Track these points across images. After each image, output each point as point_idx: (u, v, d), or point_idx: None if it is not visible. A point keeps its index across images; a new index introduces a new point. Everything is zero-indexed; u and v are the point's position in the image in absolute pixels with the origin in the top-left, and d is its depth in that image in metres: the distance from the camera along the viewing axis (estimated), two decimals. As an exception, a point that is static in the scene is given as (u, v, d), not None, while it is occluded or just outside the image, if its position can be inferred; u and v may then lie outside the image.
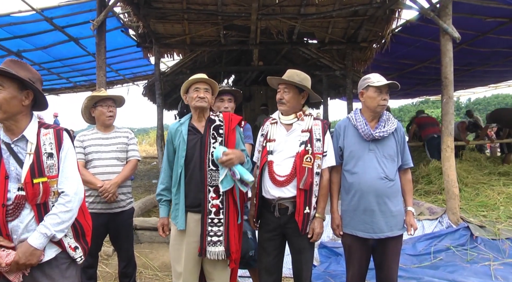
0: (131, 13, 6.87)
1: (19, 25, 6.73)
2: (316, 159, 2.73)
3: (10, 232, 1.98)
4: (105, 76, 5.08)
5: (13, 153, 2.03)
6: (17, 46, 7.81)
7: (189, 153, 2.72)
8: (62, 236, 2.06)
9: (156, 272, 4.26)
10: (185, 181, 2.70)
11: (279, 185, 2.72)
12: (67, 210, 2.05)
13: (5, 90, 1.96)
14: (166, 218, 2.86)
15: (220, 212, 2.65)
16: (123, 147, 3.43)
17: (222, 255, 2.62)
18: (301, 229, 2.69)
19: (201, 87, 2.77)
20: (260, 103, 12.25)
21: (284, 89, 2.83)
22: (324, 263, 4.27)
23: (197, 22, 7.48)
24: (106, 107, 3.39)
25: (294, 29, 7.90)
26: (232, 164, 2.62)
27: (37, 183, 1.99)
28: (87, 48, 8.16)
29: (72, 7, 6.26)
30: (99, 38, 5.12)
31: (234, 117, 2.89)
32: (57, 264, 2.07)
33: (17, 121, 2.04)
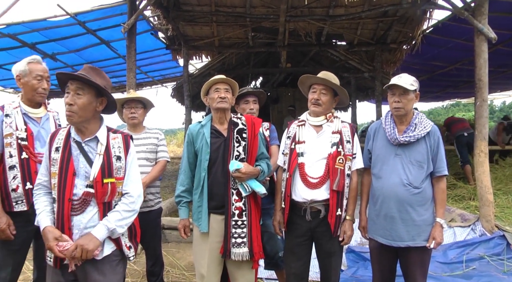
0: (161, 16, 6.98)
1: (54, 29, 6.95)
2: (347, 160, 2.70)
3: (72, 226, 2.09)
4: (134, 78, 5.17)
5: (83, 151, 2.15)
6: (52, 49, 8.07)
7: (212, 157, 2.73)
8: (121, 232, 2.17)
9: (183, 272, 4.30)
10: (208, 183, 2.72)
11: (312, 187, 2.68)
12: (130, 210, 2.18)
13: (84, 96, 2.10)
14: (187, 220, 2.89)
15: (243, 214, 2.68)
16: (153, 148, 3.47)
17: (246, 256, 2.64)
18: (333, 232, 2.65)
19: (221, 87, 2.77)
20: (288, 105, 12.18)
21: (321, 90, 2.78)
22: (352, 268, 4.19)
23: (225, 24, 7.54)
24: (129, 109, 3.45)
25: (323, 31, 7.86)
26: (242, 180, 2.67)
27: (106, 183, 2.12)
28: (118, 51, 8.35)
29: (104, 11, 6.41)
30: (130, 40, 5.21)
31: (256, 121, 2.89)
32: (109, 261, 2.18)
33: (89, 124, 2.18)
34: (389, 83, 2.68)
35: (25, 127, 2.74)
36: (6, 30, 6.76)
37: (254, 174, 2.71)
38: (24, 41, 7.32)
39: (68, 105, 2.10)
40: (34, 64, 2.83)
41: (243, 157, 2.73)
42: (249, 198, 2.72)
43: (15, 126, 2.72)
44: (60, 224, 2.11)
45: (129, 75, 5.15)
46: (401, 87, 2.62)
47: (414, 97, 2.69)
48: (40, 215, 2.15)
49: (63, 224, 2.10)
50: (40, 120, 2.86)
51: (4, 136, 2.70)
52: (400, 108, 2.67)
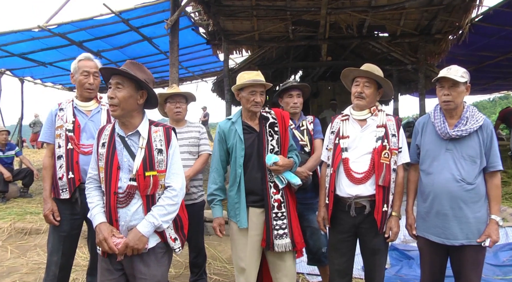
0: (202, 12, 7.06)
1: (99, 27, 7.21)
2: (393, 155, 2.63)
3: (118, 218, 2.18)
4: (177, 73, 5.28)
5: (126, 145, 2.22)
6: (97, 47, 8.38)
7: (247, 152, 2.75)
8: (167, 226, 2.22)
9: (225, 264, 4.37)
10: (245, 179, 2.74)
11: (357, 182, 2.63)
12: (173, 203, 2.22)
13: (124, 89, 2.16)
14: (222, 218, 2.89)
15: (282, 205, 2.71)
16: (195, 141, 3.53)
17: (289, 246, 2.67)
18: (380, 228, 2.60)
19: (258, 90, 2.76)
20: (327, 99, 12.05)
21: (365, 83, 2.72)
22: (395, 266, 4.10)
23: (265, 18, 7.52)
24: (174, 103, 3.50)
25: (364, 23, 7.67)
26: (279, 173, 2.70)
27: (148, 176, 2.17)
28: (159, 47, 8.54)
29: (146, 8, 6.56)
30: (172, 36, 5.31)
31: (286, 114, 2.90)
32: (154, 253, 2.23)
33: (132, 117, 2.24)
34: (438, 76, 2.58)
35: (73, 119, 2.89)
36: (57, 30, 7.08)
37: (290, 166, 2.74)
38: (73, 40, 7.65)
39: (110, 98, 2.18)
40: (83, 61, 2.97)
41: (277, 150, 2.76)
42: (285, 190, 2.75)
43: (65, 118, 2.89)
44: (108, 216, 2.21)
45: (172, 70, 5.26)
46: (450, 79, 2.52)
47: (464, 90, 2.57)
48: (94, 210, 2.25)
49: (110, 216, 2.19)
50: (90, 113, 2.98)
51: (56, 128, 2.89)
52: (450, 102, 2.56)
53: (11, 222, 5.81)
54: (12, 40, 7.48)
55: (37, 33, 7.22)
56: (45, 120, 3.03)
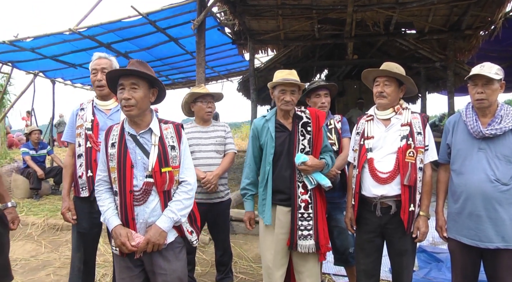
0: (227, 12, 7.10)
1: (127, 29, 7.35)
2: (418, 153, 2.57)
3: (135, 216, 2.20)
4: (204, 73, 5.33)
5: (139, 144, 2.24)
6: (125, 48, 8.54)
7: (277, 150, 2.76)
8: (185, 220, 2.26)
9: (250, 263, 4.38)
10: (273, 177, 2.75)
11: (382, 182, 2.59)
12: (189, 197, 2.26)
13: (140, 89, 2.19)
14: (252, 212, 2.95)
15: (309, 207, 2.69)
16: (221, 140, 3.55)
17: (312, 248, 2.66)
18: (407, 228, 2.55)
19: (288, 89, 2.75)
20: (353, 98, 11.90)
21: (384, 82, 2.69)
22: (424, 269, 3.99)
23: (291, 17, 7.48)
24: (206, 103, 3.53)
25: (391, 20, 7.51)
26: (307, 173, 2.67)
27: (165, 172, 2.21)
28: (185, 47, 8.63)
29: (173, 9, 6.64)
30: (199, 36, 5.37)
31: (321, 114, 2.87)
32: (172, 247, 2.27)
33: (144, 116, 2.26)
34: (471, 73, 2.50)
35: (92, 118, 2.94)
36: (87, 32, 7.28)
37: (319, 167, 2.71)
38: (101, 42, 7.83)
39: (126, 99, 2.17)
40: (94, 61, 3.02)
41: (308, 150, 2.74)
42: (314, 191, 2.73)
43: (85, 117, 2.95)
44: (123, 216, 2.22)
45: (199, 70, 5.32)
46: (484, 76, 2.43)
47: (499, 87, 2.48)
48: (107, 213, 2.25)
49: (126, 215, 2.20)
50: (109, 112, 3.02)
51: (76, 127, 2.96)
52: (484, 100, 2.47)
53: (44, 218, 6.03)
54: (45, 43, 7.74)
55: (68, 36, 7.45)
56: (68, 120, 3.11)
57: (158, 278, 2.24)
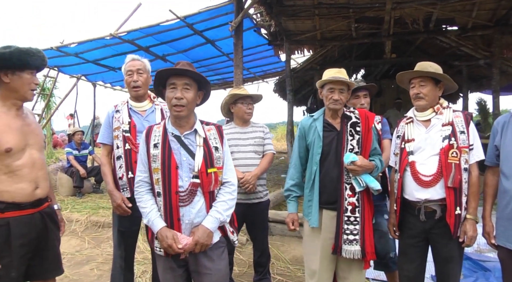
0: (264, 13, 7.11)
1: (165, 33, 7.48)
2: (462, 153, 2.46)
3: (181, 217, 2.21)
4: (241, 74, 5.36)
5: (184, 145, 2.25)
6: (163, 51, 8.71)
7: (325, 150, 2.69)
8: (228, 220, 2.27)
9: (288, 265, 4.35)
10: (320, 178, 2.68)
11: (426, 185, 2.51)
12: (233, 198, 2.28)
13: (191, 90, 2.22)
14: (296, 214, 2.87)
15: (356, 210, 2.60)
16: (260, 141, 3.55)
17: (358, 254, 2.56)
18: (453, 233, 2.44)
19: (336, 88, 2.68)
20: (391, 98, 11.61)
21: (419, 83, 2.60)
22: (469, 278, 3.77)
23: (327, 17, 7.40)
24: (246, 105, 3.53)
25: (431, 16, 7.27)
26: (357, 174, 2.59)
27: (210, 173, 2.22)
28: (222, 49, 8.70)
29: (210, 12, 6.70)
30: (237, 38, 5.41)
31: (370, 115, 2.78)
32: (216, 247, 2.28)
33: (189, 118, 2.29)
34: None
35: (129, 120, 2.98)
36: (126, 37, 7.48)
37: (369, 168, 2.62)
38: (140, 45, 8.02)
39: (178, 99, 2.17)
40: (128, 63, 3.07)
41: (356, 151, 2.65)
42: (362, 195, 2.63)
43: (122, 120, 2.99)
44: (168, 216, 2.21)
45: (236, 71, 5.36)
46: None
47: None
48: (150, 215, 2.23)
49: (171, 216, 2.20)
50: (145, 113, 3.07)
51: (113, 129, 3.01)
52: None
53: (87, 215, 6.27)
54: (88, 48, 8.03)
55: (109, 41, 7.68)
56: (103, 122, 3.16)
57: (204, 278, 2.25)
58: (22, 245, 2.27)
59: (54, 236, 2.51)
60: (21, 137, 2.31)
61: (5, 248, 2.21)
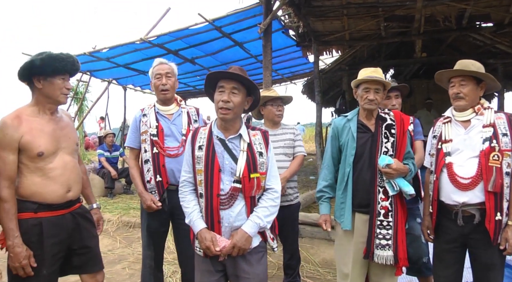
0: (292, 14, 7.08)
1: (194, 36, 7.59)
2: (504, 156, 2.35)
3: (221, 219, 2.22)
4: (271, 76, 5.36)
5: (228, 148, 2.25)
6: (192, 54, 8.81)
7: (359, 152, 2.64)
8: (269, 227, 2.25)
9: (317, 268, 4.31)
10: (353, 180, 2.63)
11: (464, 188, 2.42)
12: (275, 205, 2.26)
13: (239, 95, 2.21)
14: (328, 215, 2.84)
15: (389, 214, 2.54)
16: (290, 143, 3.53)
17: (390, 260, 2.50)
18: (493, 239, 2.34)
19: (372, 87, 2.63)
20: (421, 98, 11.33)
21: (460, 82, 2.50)
22: None
23: (356, 17, 7.29)
24: (276, 106, 3.53)
25: (464, 13, 7.00)
26: (391, 178, 2.52)
27: (253, 178, 2.21)
28: (250, 51, 8.74)
29: (238, 14, 6.75)
30: (266, 40, 5.41)
31: (405, 118, 2.72)
32: (256, 252, 2.27)
33: (235, 122, 2.29)
34: None
35: (157, 124, 3.01)
36: (156, 41, 7.63)
37: (404, 172, 2.55)
38: (169, 49, 8.15)
39: (225, 102, 2.17)
40: (156, 66, 3.10)
41: (391, 153, 2.60)
42: (395, 199, 2.57)
43: (149, 123, 3.02)
44: (209, 218, 2.23)
45: (266, 73, 5.36)
46: None
47: None
48: (192, 216, 2.27)
49: (212, 218, 2.22)
50: (172, 117, 3.09)
51: (141, 133, 3.04)
52: None
53: (118, 216, 6.41)
54: (119, 52, 8.25)
55: (139, 45, 7.86)
56: (130, 126, 3.18)
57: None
58: (53, 244, 2.35)
59: (88, 234, 2.57)
60: (53, 141, 2.38)
61: (37, 246, 2.29)
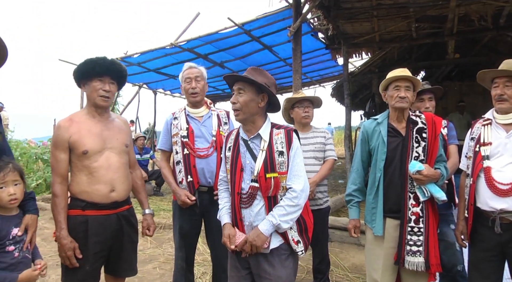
0: (321, 17, 7.04)
1: (223, 40, 7.68)
2: None
3: (243, 218, 2.27)
4: (300, 79, 5.34)
5: (249, 148, 2.30)
6: (221, 58, 8.92)
7: (389, 156, 2.59)
8: (287, 227, 2.21)
9: (347, 273, 4.25)
10: (384, 185, 2.58)
11: (502, 194, 2.31)
12: (293, 205, 2.19)
13: (245, 94, 2.25)
14: (358, 220, 2.80)
15: (420, 220, 2.48)
16: (320, 146, 3.50)
17: (422, 266, 2.44)
18: None
19: (402, 85, 2.59)
20: (453, 101, 11.00)
21: (505, 83, 2.40)
22: None
23: (386, 18, 7.16)
24: (302, 108, 3.52)
25: (502, 11, 6.75)
26: (422, 184, 2.46)
27: (269, 178, 2.20)
28: (279, 54, 8.75)
29: (267, 18, 6.78)
30: (295, 43, 5.40)
31: (437, 120, 2.64)
32: (278, 254, 2.25)
33: (254, 122, 2.31)
34: None
35: (187, 126, 3.07)
36: (186, 45, 7.77)
37: (435, 178, 2.49)
38: (199, 53, 8.28)
39: (232, 103, 2.27)
40: (186, 71, 3.16)
41: (422, 158, 2.53)
42: (426, 204, 2.51)
43: (180, 126, 3.09)
44: (233, 216, 2.32)
45: (295, 76, 5.35)
46: None
47: None
48: (222, 211, 2.40)
49: (235, 216, 2.30)
50: (202, 119, 3.14)
51: (172, 135, 3.11)
52: None
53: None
54: (149, 57, 8.45)
55: (169, 50, 8.03)
56: (162, 129, 3.26)
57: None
58: (97, 243, 2.46)
59: (129, 238, 2.65)
60: (99, 141, 2.51)
61: (82, 242, 2.42)
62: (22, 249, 2.15)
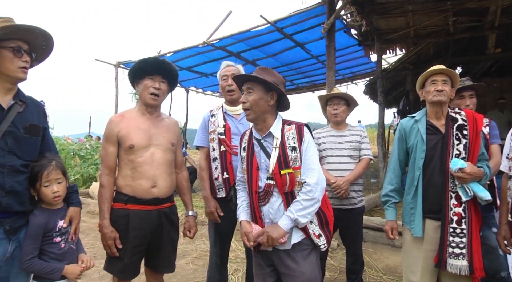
0: (354, 13, 6.93)
1: (255, 38, 7.71)
2: None
3: (262, 216, 2.32)
4: (334, 76, 5.29)
5: (262, 147, 2.33)
6: (253, 56, 8.96)
7: (428, 155, 2.51)
8: (306, 221, 2.20)
9: (380, 274, 4.18)
10: (423, 184, 2.51)
11: None
12: (308, 198, 2.19)
13: (254, 93, 2.28)
14: (395, 222, 2.72)
15: (463, 221, 2.38)
16: (356, 145, 3.44)
17: (465, 270, 2.34)
18: None
19: (439, 79, 2.52)
20: (493, 98, 10.52)
21: None
22: None
23: (421, 12, 6.96)
24: (332, 105, 3.48)
25: (551, 1, 6.46)
26: (464, 182, 2.37)
27: (284, 174, 2.23)
28: (311, 52, 8.68)
29: (300, 15, 6.74)
30: (329, 40, 5.36)
31: (479, 117, 2.54)
32: (300, 249, 2.26)
33: (265, 120, 2.33)
34: None
35: (224, 123, 3.10)
36: (218, 44, 7.84)
37: (478, 176, 2.39)
38: (231, 51, 8.34)
39: (242, 103, 2.31)
40: (223, 69, 3.20)
41: (463, 156, 2.44)
42: (469, 205, 2.41)
43: (217, 123, 3.12)
44: (253, 214, 2.36)
45: (329, 73, 5.30)
46: None
47: None
48: (239, 210, 2.47)
49: (255, 214, 2.33)
50: (239, 117, 3.15)
51: (209, 132, 3.15)
52: None
53: (181, 213, 6.59)
54: (182, 56, 8.57)
55: (202, 48, 8.13)
56: (199, 126, 3.29)
57: (287, 279, 2.26)
58: (136, 237, 2.55)
59: (168, 236, 2.72)
60: (146, 137, 2.63)
61: (123, 235, 2.54)
62: (67, 240, 2.29)
